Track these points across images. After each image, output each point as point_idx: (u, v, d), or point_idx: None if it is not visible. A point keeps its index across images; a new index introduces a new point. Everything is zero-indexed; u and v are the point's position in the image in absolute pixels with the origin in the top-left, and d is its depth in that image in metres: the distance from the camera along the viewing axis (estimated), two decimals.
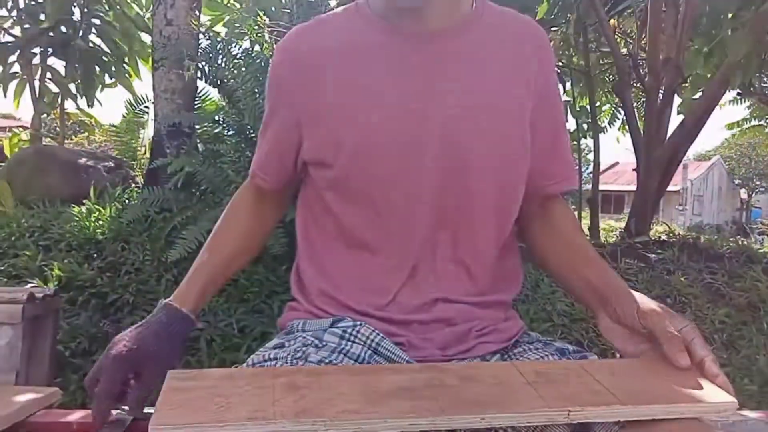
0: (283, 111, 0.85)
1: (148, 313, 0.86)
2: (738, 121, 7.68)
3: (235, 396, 0.61)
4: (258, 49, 3.11)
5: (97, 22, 5.58)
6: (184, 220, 2.69)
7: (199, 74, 3.11)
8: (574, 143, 5.14)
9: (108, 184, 3.52)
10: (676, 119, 4.34)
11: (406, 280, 0.83)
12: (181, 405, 0.59)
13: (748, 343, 2.86)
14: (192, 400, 0.60)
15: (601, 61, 5.52)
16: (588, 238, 3.94)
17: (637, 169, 4.30)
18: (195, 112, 3.37)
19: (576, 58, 5.25)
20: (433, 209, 0.81)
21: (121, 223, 2.81)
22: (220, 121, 3.12)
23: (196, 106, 3.43)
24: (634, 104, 4.94)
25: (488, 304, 0.86)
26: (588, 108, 4.99)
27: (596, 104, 5.20)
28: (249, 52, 3.02)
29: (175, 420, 0.56)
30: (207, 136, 3.25)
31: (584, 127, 5.32)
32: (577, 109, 5.21)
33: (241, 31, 3.30)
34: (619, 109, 5.84)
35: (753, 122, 7.41)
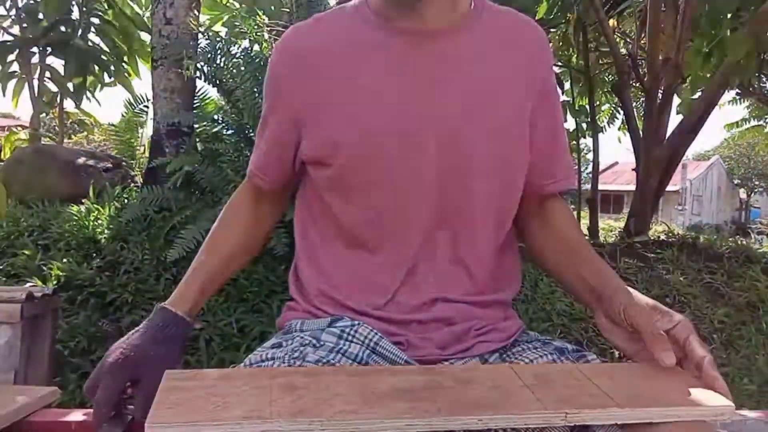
0: (281, 110, 0.85)
1: (148, 313, 0.86)
2: (737, 121, 7.69)
3: (232, 396, 0.61)
4: (257, 49, 3.11)
5: (96, 21, 5.58)
6: (183, 220, 2.69)
7: (198, 73, 3.10)
8: (574, 143, 5.14)
9: (107, 183, 3.51)
10: (675, 119, 4.35)
11: (406, 279, 0.83)
12: (178, 404, 0.59)
13: (747, 343, 2.86)
14: (188, 400, 0.60)
15: (601, 61, 5.52)
16: (587, 237, 3.95)
17: (637, 169, 4.30)
18: (194, 112, 3.37)
19: (575, 58, 5.24)
20: (433, 208, 0.81)
21: (120, 223, 2.81)
22: (220, 120, 3.12)
23: (195, 106, 3.43)
24: (634, 104, 4.94)
25: (487, 304, 0.86)
26: (587, 108, 4.99)
27: (596, 104, 5.19)
28: (248, 51, 3.02)
29: (171, 419, 0.56)
30: (206, 136, 3.24)
31: (583, 126, 5.32)
32: (577, 108, 5.21)
33: (241, 30, 3.30)
34: (619, 109, 5.84)
35: (752, 122, 7.42)
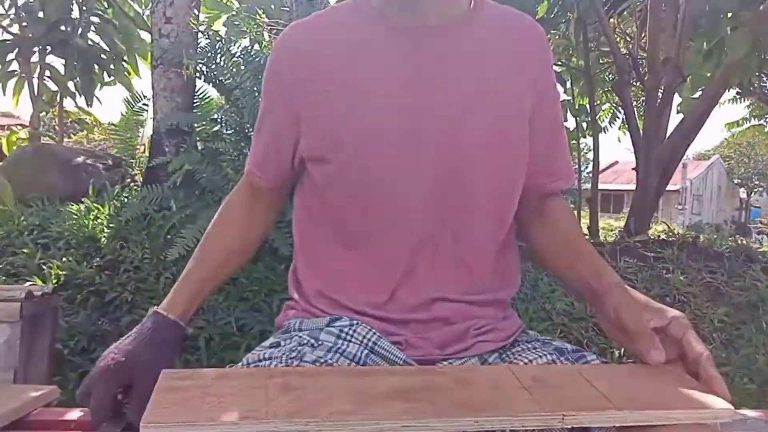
0: (280, 106, 0.85)
1: (147, 312, 0.86)
2: (737, 121, 7.68)
3: (229, 396, 0.61)
4: (257, 48, 3.11)
5: (96, 20, 5.58)
6: (183, 219, 2.68)
7: (198, 73, 3.10)
8: (574, 142, 5.15)
9: (107, 182, 3.51)
10: (675, 118, 4.35)
11: (405, 278, 0.82)
12: (174, 404, 0.59)
13: (747, 343, 2.86)
14: (185, 400, 0.60)
15: (601, 61, 5.52)
16: (587, 236, 3.95)
17: (637, 168, 4.30)
18: (194, 111, 3.37)
19: (576, 58, 5.24)
20: (432, 206, 0.80)
21: (120, 222, 2.80)
22: (219, 119, 3.12)
23: (195, 105, 3.43)
24: (634, 103, 4.94)
25: (487, 303, 0.86)
26: (587, 107, 4.99)
27: (596, 103, 5.20)
28: (248, 50, 3.02)
29: (166, 419, 0.56)
30: (206, 135, 3.24)
31: (584, 126, 5.32)
32: (577, 108, 5.21)
33: (241, 29, 3.30)
34: (619, 109, 5.84)
35: (752, 122, 7.41)
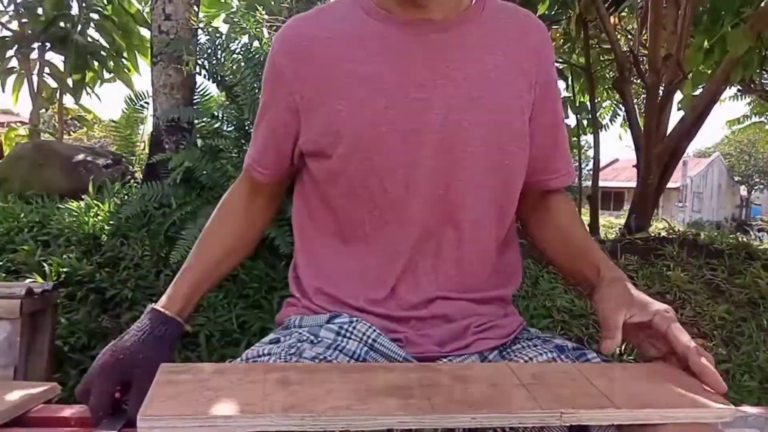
0: (280, 100, 0.84)
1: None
2: (738, 118, 7.67)
3: (226, 390, 0.61)
4: (257, 45, 3.10)
5: (96, 16, 5.57)
6: (184, 216, 2.68)
7: (198, 69, 3.09)
8: (574, 139, 5.14)
9: (107, 179, 3.50)
10: (676, 116, 4.34)
11: (405, 275, 0.82)
12: (171, 397, 0.59)
13: (748, 340, 2.86)
14: (182, 393, 0.60)
15: (602, 58, 5.51)
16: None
17: (637, 166, 4.30)
18: (194, 108, 3.36)
19: (576, 55, 5.24)
20: (432, 202, 0.80)
21: (120, 219, 2.80)
22: (220, 116, 3.11)
23: (195, 102, 3.42)
24: (635, 100, 4.94)
25: (488, 300, 0.86)
26: (588, 104, 4.98)
27: (596, 100, 5.19)
28: (248, 47, 3.01)
29: (163, 411, 0.56)
30: (206, 132, 3.23)
31: (584, 123, 5.32)
32: (577, 105, 5.21)
33: (240, 26, 3.29)
34: (620, 106, 5.83)
35: (753, 119, 7.39)
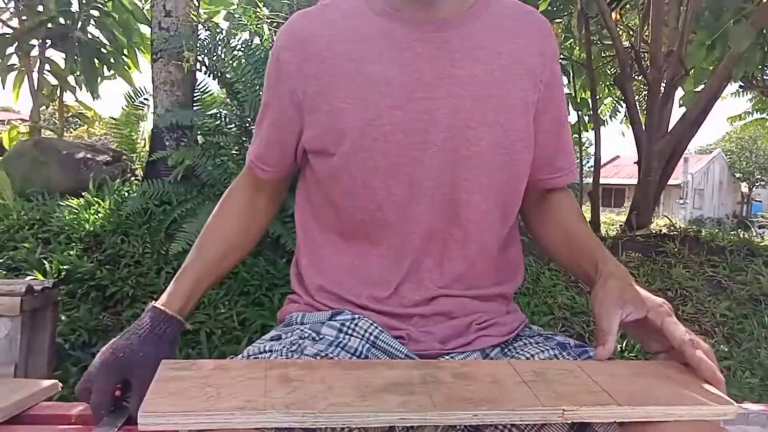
0: (284, 96, 0.83)
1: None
2: (740, 114, 7.65)
3: (227, 386, 0.61)
4: (257, 42, 3.09)
5: (96, 13, 5.56)
6: (184, 213, 2.68)
7: (198, 66, 3.08)
8: (575, 136, 5.13)
9: (107, 176, 3.50)
10: (677, 112, 4.33)
11: (408, 273, 0.82)
12: (172, 393, 0.59)
13: (749, 337, 2.86)
14: (183, 390, 0.60)
15: (603, 54, 5.50)
16: None
17: (639, 162, 4.29)
18: (195, 105, 3.35)
19: (578, 51, 5.22)
20: (437, 201, 0.80)
21: (121, 216, 2.80)
22: (220, 113, 3.10)
23: (195, 99, 3.42)
24: (636, 97, 4.92)
25: (490, 297, 0.85)
26: (589, 101, 4.97)
27: (597, 97, 5.18)
28: (249, 43, 3.00)
29: (164, 408, 0.56)
30: (207, 129, 3.23)
31: (585, 120, 5.31)
32: (579, 101, 5.20)
33: (240, 22, 3.28)
34: (621, 102, 5.82)
35: (755, 115, 7.38)
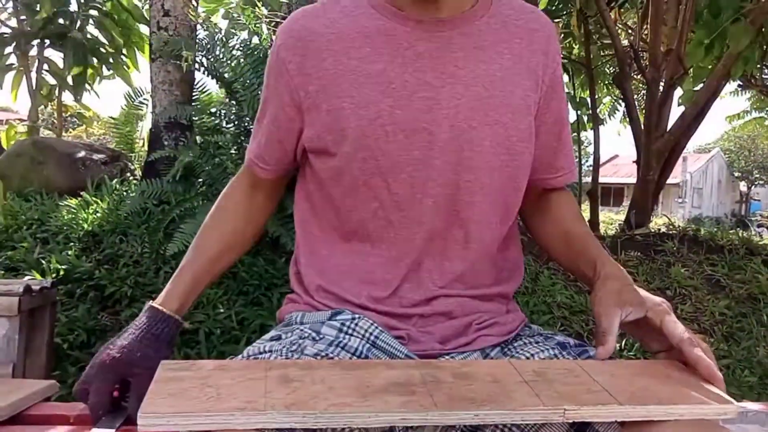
0: (283, 95, 0.82)
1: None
2: (738, 113, 7.66)
3: (227, 387, 0.60)
4: (256, 41, 3.09)
5: (95, 13, 5.56)
6: (183, 213, 2.68)
7: (197, 66, 3.08)
8: (574, 135, 5.14)
9: (106, 176, 3.50)
10: (676, 111, 4.33)
11: (408, 273, 0.81)
12: (171, 394, 0.59)
13: (748, 335, 2.86)
14: (183, 390, 0.59)
15: (602, 53, 5.50)
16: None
17: (637, 161, 4.30)
18: (193, 104, 3.35)
19: (577, 50, 5.23)
20: (439, 202, 0.79)
21: (119, 216, 2.80)
22: (219, 113, 3.10)
23: (194, 98, 3.41)
24: (635, 96, 4.93)
25: (490, 297, 0.85)
26: (588, 100, 4.97)
27: (596, 96, 5.18)
28: (247, 43, 3.00)
29: (163, 409, 0.56)
30: (205, 128, 3.23)
31: (584, 119, 5.31)
32: (578, 100, 5.20)
33: (239, 22, 3.28)
34: (620, 101, 5.82)
35: (753, 114, 7.39)
